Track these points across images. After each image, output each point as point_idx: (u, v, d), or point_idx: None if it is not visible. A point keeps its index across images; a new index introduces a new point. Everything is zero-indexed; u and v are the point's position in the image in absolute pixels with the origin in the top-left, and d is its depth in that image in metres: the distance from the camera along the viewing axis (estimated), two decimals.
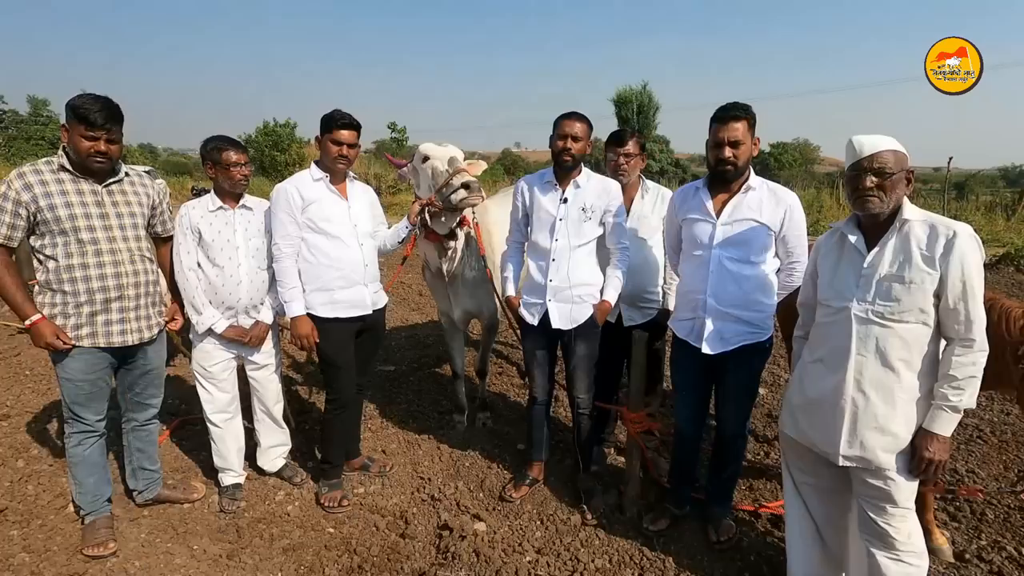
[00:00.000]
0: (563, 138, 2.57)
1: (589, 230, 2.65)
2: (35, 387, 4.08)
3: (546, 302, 2.68)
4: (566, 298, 2.66)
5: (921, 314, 1.72)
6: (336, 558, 2.51)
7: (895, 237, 1.77)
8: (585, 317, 2.67)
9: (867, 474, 1.82)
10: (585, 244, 2.66)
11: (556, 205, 2.65)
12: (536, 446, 2.99)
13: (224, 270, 2.66)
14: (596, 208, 2.63)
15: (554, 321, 2.68)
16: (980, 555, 2.45)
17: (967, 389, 1.70)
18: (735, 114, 2.26)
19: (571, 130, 2.56)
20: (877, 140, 1.78)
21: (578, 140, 2.57)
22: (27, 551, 2.45)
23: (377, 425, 3.67)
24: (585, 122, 2.60)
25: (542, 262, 2.70)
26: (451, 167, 2.83)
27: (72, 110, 2.19)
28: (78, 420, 2.44)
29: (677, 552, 2.51)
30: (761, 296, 2.35)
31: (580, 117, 2.61)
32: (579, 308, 2.67)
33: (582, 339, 2.70)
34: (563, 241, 2.64)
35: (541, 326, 2.73)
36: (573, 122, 2.58)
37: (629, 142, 2.85)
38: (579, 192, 2.64)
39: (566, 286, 2.65)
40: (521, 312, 2.80)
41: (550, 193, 2.68)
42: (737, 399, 2.48)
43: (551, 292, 2.67)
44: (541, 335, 2.77)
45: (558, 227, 2.64)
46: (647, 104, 25.51)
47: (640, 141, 2.92)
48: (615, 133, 2.92)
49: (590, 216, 2.63)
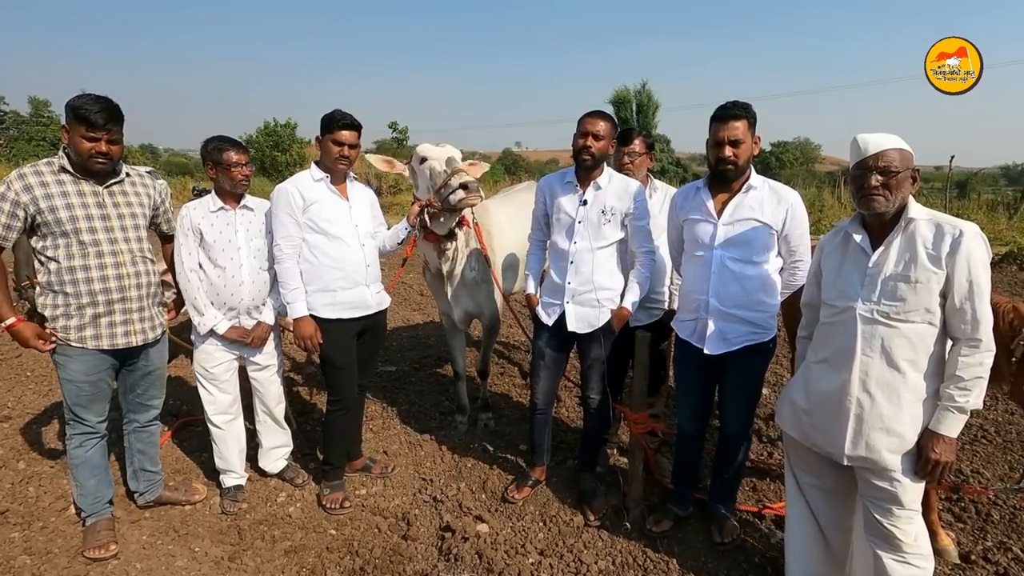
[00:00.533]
0: (584, 136, 2.52)
1: (609, 233, 2.59)
2: (36, 388, 4.08)
3: (563, 304, 2.66)
4: (584, 301, 2.63)
5: (927, 314, 1.71)
6: (338, 560, 2.50)
7: (900, 236, 1.76)
8: (602, 322, 2.62)
9: (873, 475, 1.80)
10: (605, 247, 2.60)
11: (575, 207, 2.61)
12: (538, 451, 2.97)
13: (226, 271, 2.65)
14: (617, 210, 2.57)
15: (570, 324, 2.65)
16: (986, 556, 2.43)
17: (974, 390, 1.68)
18: (735, 113, 2.24)
19: (593, 128, 2.51)
20: (882, 138, 1.76)
21: (599, 139, 2.51)
22: (28, 553, 2.45)
23: (379, 426, 3.66)
24: (609, 121, 2.55)
25: (561, 264, 2.67)
26: (449, 167, 2.81)
27: (72, 111, 2.18)
28: (79, 422, 2.43)
29: (680, 553, 2.50)
30: (764, 296, 2.34)
31: (604, 116, 2.56)
32: (597, 312, 2.63)
33: (598, 343, 2.65)
34: (582, 243, 2.60)
35: (556, 327, 2.70)
36: (596, 120, 2.53)
37: (635, 140, 2.83)
38: (599, 194, 2.59)
39: (584, 289, 2.61)
40: (538, 311, 2.77)
41: (569, 194, 2.64)
42: (740, 400, 2.47)
43: (569, 294, 2.63)
44: (554, 336, 2.74)
45: (577, 229, 2.60)
46: (647, 103, 25.46)
47: (647, 140, 2.89)
48: (621, 132, 2.88)
49: (610, 219, 2.57)
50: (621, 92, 25.59)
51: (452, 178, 2.75)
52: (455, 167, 2.80)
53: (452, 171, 2.78)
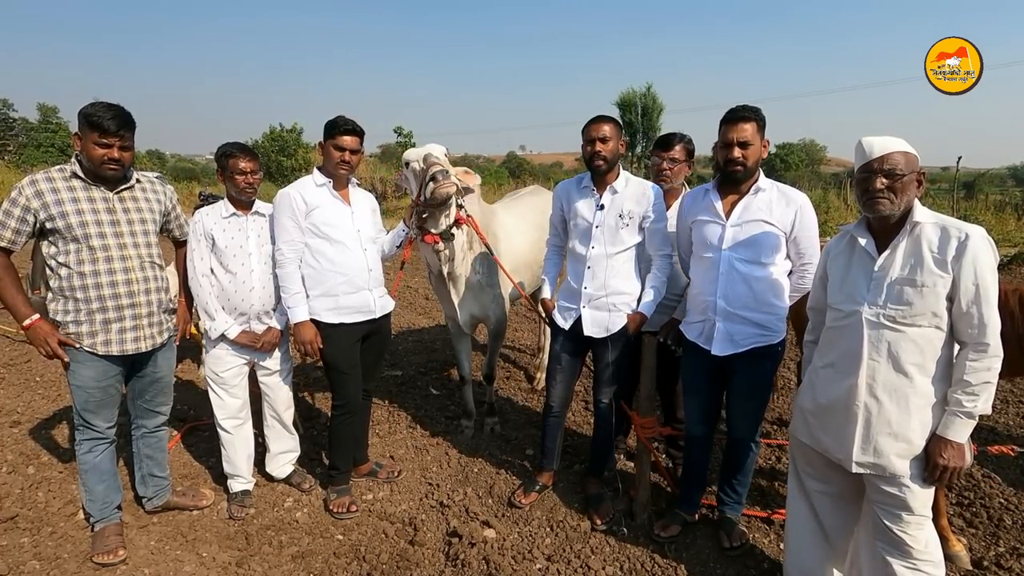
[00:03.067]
0: (591, 143, 2.54)
1: (627, 237, 2.59)
2: (45, 394, 4.11)
3: (580, 308, 2.66)
4: (600, 306, 2.63)
5: (934, 318, 1.70)
6: (345, 565, 2.50)
7: (906, 240, 1.75)
8: (619, 326, 2.62)
9: (882, 481, 1.79)
10: (623, 251, 2.60)
11: (592, 212, 2.61)
12: (547, 455, 2.97)
13: (237, 276, 2.67)
14: (635, 214, 2.57)
15: (586, 328, 2.65)
16: (999, 562, 2.41)
17: (982, 395, 1.67)
18: (744, 115, 2.26)
19: (598, 133, 2.53)
20: (887, 141, 1.76)
21: (607, 141, 2.52)
22: (38, 558, 2.46)
23: (385, 430, 3.67)
24: (612, 122, 2.56)
25: (578, 268, 2.67)
26: (425, 164, 2.78)
27: (85, 118, 2.20)
28: (88, 427, 2.45)
29: (689, 559, 2.49)
30: (772, 298, 2.33)
31: (606, 119, 2.57)
32: (614, 317, 2.62)
33: (613, 347, 2.65)
34: (599, 249, 2.60)
35: (572, 331, 2.70)
36: (600, 125, 2.54)
37: (676, 147, 2.79)
38: (616, 198, 2.59)
39: (601, 294, 2.61)
40: (554, 316, 2.78)
41: (587, 198, 2.65)
42: (748, 403, 2.46)
43: (586, 299, 2.64)
44: (570, 340, 2.74)
45: (594, 234, 2.60)
46: (652, 106, 25.48)
47: (688, 147, 2.82)
48: (662, 137, 2.88)
49: (628, 223, 2.57)
50: (626, 95, 25.63)
51: (428, 172, 2.72)
52: (429, 160, 2.77)
53: (427, 165, 2.75)
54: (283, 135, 26.37)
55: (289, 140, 26.17)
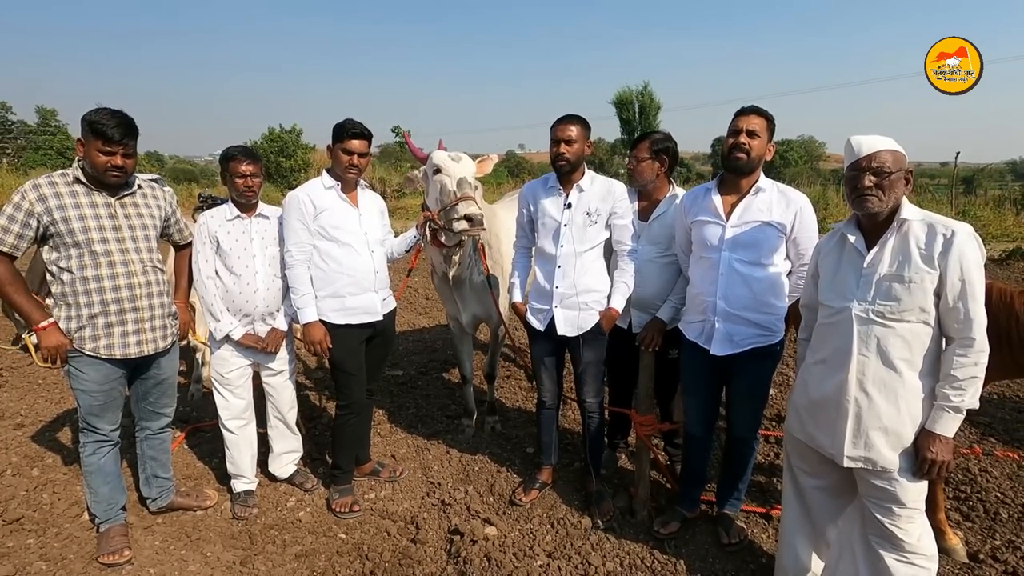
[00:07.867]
0: (556, 143, 2.58)
1: (595, 234, 2.64)
2: (49, 396, 4.13)
3: (552, 308, 2.69)
4: (572, 305, 2.67)
5: (922, 313, 1.73)
6: (348, 564, 2.53)
7: (894, 236, 1.78)
8: (591, 324, 2.66)
9: (872, 475, 1.82)
10: (591, 249, 2.65)
11: (560, 210, 2.65)
12: (545, 450, 2.99)
13: (241, 278, 2.70)
14: (601, 211, 2.62)
15: (560, 328, 2.69)
16: (995, 555, 2.43)
17: (968, 389, 1.70)
18: (757, 110, 2.32)
19: (563, 135, 2.57)
20: (875, 140, 1.79)
21: (572, 143, 2.57)
22: (43, 559, 2.49)
23: (386, 430, 3.69)
24: (579, 123, 2.60)
25: (548, 268, 2.70)
26: (459, 190, 2.74)
27: (89, 125, 2.22)
28: (93, 430, 2.47)
29: (688, 554, 2.51)
30: (772, 298, 2.35)
31: (574, 119, 2.60)
32: (585, 315, 2.67)
33: (589, 345, 2.69)
34: (568, 247, 2.64)
35: (548, 332, 2.73)
36: (566, 126, 2.58)
37: (639, 145, 2.83)
38: (583, 196, 2.64)
39: (572, 293, 2.65)
40: (528, 318, 2.81)
41: (553, 198, 2.69)
42: (747, 402, 2.48)
43: (557, 298, 2.67)
44: (548, 341, 2.77)
45: (563, 233, 2.64)
46: (649, 104, 25.44)
47: (656, 146, 2.78)
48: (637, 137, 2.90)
49: (595, 220, 2.62)
50: (623, 93, 25.60)
51: (460, 204, 2.70)
52: (464, 193, 2.72)
53: (461, 196, 2.72)
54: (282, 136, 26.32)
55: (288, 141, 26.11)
